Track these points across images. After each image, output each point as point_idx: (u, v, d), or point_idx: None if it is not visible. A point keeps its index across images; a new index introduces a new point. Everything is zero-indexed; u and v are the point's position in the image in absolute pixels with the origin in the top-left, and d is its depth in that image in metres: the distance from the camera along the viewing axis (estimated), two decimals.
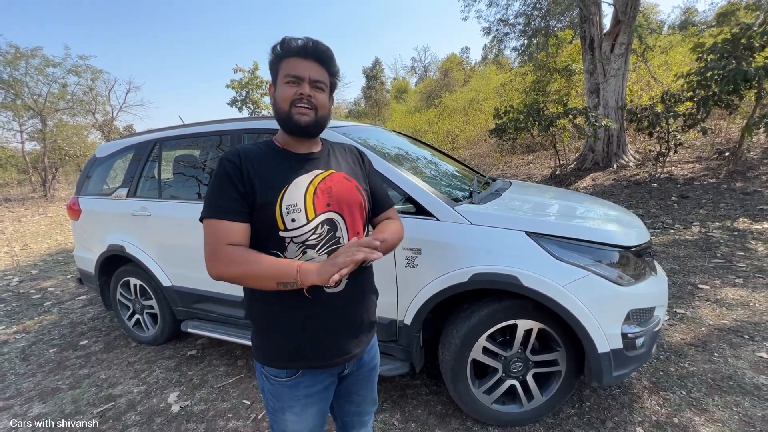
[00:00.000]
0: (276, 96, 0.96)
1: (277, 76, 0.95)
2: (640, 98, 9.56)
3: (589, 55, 8.49)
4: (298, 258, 0.92)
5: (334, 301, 0.96)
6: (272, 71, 0.97)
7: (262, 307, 0.97)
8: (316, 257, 0.94)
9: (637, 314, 1.62)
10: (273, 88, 0.98)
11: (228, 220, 0.88)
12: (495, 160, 11.42)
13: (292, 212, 0.91)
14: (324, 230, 0.94)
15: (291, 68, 0.92)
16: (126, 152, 2.82)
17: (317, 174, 0.98)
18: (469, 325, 1.69)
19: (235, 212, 0.89)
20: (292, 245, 0.92)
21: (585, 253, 1.61)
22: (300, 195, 0.93)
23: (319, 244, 0.94)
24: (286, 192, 0.92)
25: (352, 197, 1.01)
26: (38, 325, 3.35)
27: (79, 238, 3.04)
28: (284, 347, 0.96)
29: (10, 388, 2.40)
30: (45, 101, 15.83)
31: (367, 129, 2.77)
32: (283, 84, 0.93)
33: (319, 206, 0.94)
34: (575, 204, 2.11)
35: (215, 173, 0.93)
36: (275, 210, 0.90)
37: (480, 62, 29.14)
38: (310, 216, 0.93)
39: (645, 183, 6.70)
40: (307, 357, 0.96)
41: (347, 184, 1.01)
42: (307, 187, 0.94)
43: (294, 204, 0.91)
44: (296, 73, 0.92)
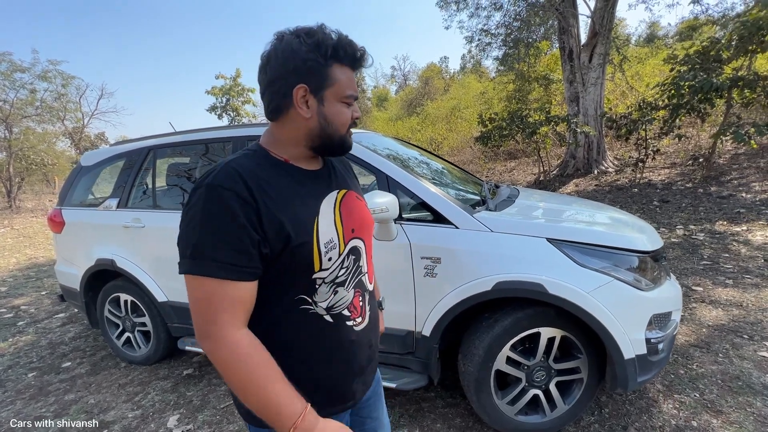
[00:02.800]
0: (329, 114, 0.75)
1: (325, 88, 0.74)
2: (617, 107, 9.96)
3: (568, 65, 8.79)
4: (329, 300, 0.77)
5: (362, 337, 0.84)
6: (313, 73, 0.72)
7: (282, 359, 0.71)
8: (346, 295, 0.80)
9: (658, 319, 1.63)
10: (311, 96, 0.74)
11: (234, 281, 0.65)
12: (479, 166, 11.59)
13: (330, 249, 0.75)
14: (350, 261, 0.81)
15: (350, 85, 0.76)
16: (115, 160, 2.67)
17: (335, 195, 0.82)
18: (492, 334, 1.65)
19: (244, 270, 0.66)
20: (324, 286, 0.76)
21: (606, 258, 1.61)
22: (332, 227, 0.77)
23: (348, 278, 0.81)
24: (319, 225, 0.74)
25: (368, 218, 0.89)
26: (13, 347, 3.10)
27: (62, 251, 2.84)
28: (313, 396, 0.74)
29: None
30: (11, 108, 15.02)
31: (367, 135, 2.73)
32: (341, 103, 0.76)
33: (347, 234, 0.79)
34: (586, 209, 2.12)
35: (203, 208, 0.65)
36: (313, 250, 0.72)
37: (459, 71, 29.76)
38: (341, 249, 0.78)
39: (626, 188, 6.94)
40: (333, 402, 0.81)
41: (360, 204, 0.88)
42: (334, 213, 0.79)
43: (330, 240, 0.75)
44: (355, 93, 0.77)
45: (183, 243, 0.67)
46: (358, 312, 0.84)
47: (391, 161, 1.92)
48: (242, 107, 21.86)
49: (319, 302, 0.77)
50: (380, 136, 2.91)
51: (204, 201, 0.66)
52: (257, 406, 0.66)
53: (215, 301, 0.65)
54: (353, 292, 0.82)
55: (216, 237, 0.65)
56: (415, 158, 2.63)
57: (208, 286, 0.65)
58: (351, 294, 0.82)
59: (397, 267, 1.78)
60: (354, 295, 0.83)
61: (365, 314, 0.86)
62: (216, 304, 0.65)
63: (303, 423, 0.66)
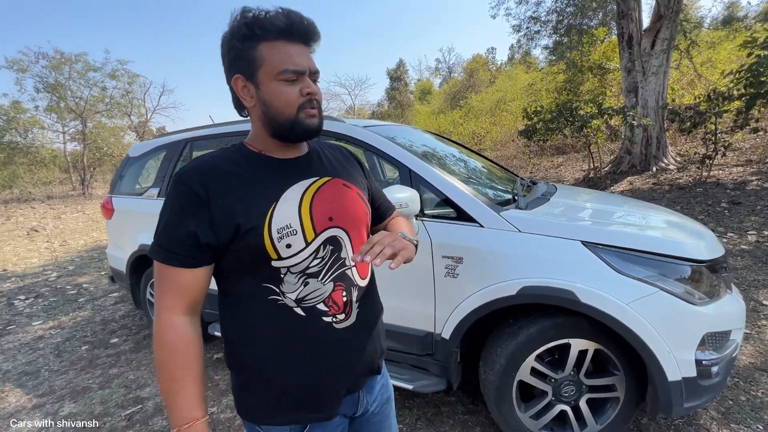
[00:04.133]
0: (266, 98, 0.72)
1: (256, 69, 0.71)
2: (683, 97, 9.03)
3: (626, 53, 8.08)
4: (299, 291, 0.74)
5: (346, 337, 0.79)
6: (241, 59, 0.71)
7: (254, 352, 0.75)
8: (321, 287, 0.75)
9: (713, 338, 1.42)
10: (248, 83, 0.73)
11: (177, 267, 0.69)
12: (523, 162, 11.07)
13: (287, 236, 0.71)
14: (327, 252, 0.76)
15: (285, 60, 0.70)
16: (158, 152, 2.82)
17: (312, 182, 0.78)
18: (516, 342, 1.54)
19: (184, 257, 0.69)
20: (290, 276, 0.73)
21: (651, 266, 1.43)
22: (293, 212, 0.73)
23: (323, 270, 0.76)
24: (275, 210, 0.72)
25: (356, 207, 0.83)
26: (72, 321, 3.42)
27: (112, 236, 3.07)
28: (287, 399, 0.76)
29: (43, 385, 2.42)
30: (86, 104, 16.63)
31: (398, 128, 2.66)
32: (278, 82, 0.71)
33: (319, 223, 0.75)
34: (635, 211, 1.91)
35: (166, 199, 0.72)
36: (263, 236, 0.70)
37: (506, 62, 28.55)
38: (309, 237, 0.74)
39: (689, 188, 6.27)
40: (315, 407, 0.78)
41: (348, 192, 0.83)
42: (301, 200, 0.75)
43: (287, 225, 0.72)
44: (297, 68, 0.71)
45: (155, 231, 0.74)
46: (340, 308, 0.78)
47: (416, 155, 1.84)
48: None
49: (287, 293, 0.74)
50: (415, 130, 2.84)
51: (167, 193, 0.73)
52: (163, 390, 0.70)
53: (161, 282, 0.71)
54: (332, 286, 0.77)
55: (165, 225, 0.71)
56: (447, 153, 2.52)
57: (157, 268, 0.72)
58: (329, 287, 0.76)
59: (417, 265, 1.70)
60: (334, 289, 0.77)
61: (351, 311, 0.79)
62: (161, 285, 0.71)
63: (186, 430, 0.68)
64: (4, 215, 10.87)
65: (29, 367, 2.65)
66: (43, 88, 15.53)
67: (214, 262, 0.74)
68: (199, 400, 0.70)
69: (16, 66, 14.92)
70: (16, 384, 2.45)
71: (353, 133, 1.94)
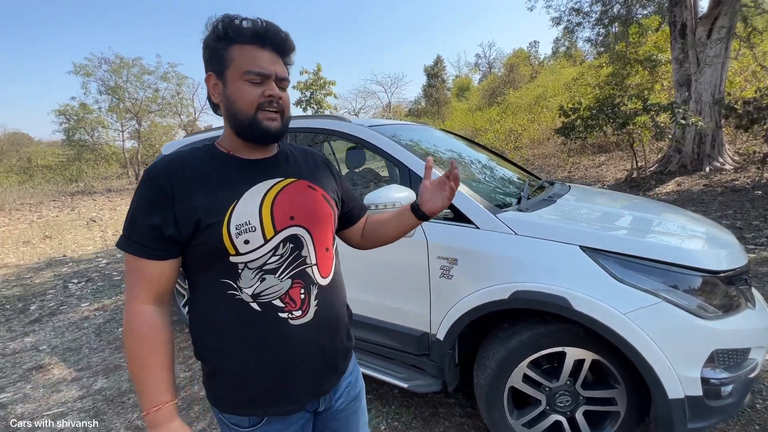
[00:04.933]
0: (231, 95, 0.77)
1: (226, 68, 0.76)
2: (744, 90, 8.20)
3: (679, 43, 7.46)
4: (255, 287, 0.76)
5: (302, 333, 0.80)
6: (214, 58, 0.77)
7: (214, 344, 0.79)
8: (278, 284, 0.77)
9: (724, 355, 1.31)
10: (218, 81, 0.78)
11: (143, 258, 0.73)
12: (561, 161, 10.58)
13: (245, 232, 0.74)
14: (286, 249, 0.78)
15: (251, 61, 0.75)
16: None
17: (276, 182, 0.81)
18: (507, 348, 1.50)
19: (150, 248, 0.73)
20: (247, 272, 0.75)
21: (656, 275, 1.34)
22: (254, 210, 0.76)
23: (281, 267, 0.78)
24: (236, 208, 0.74)
25: (320, 208, 0.85)
26: (114, 304, 3.74)
27: None
28: (244, 390, 0.79)
29: (83, 361, 2.69)
30: (140, 105, 18.00)
31: (416, 128, 2.65)
32: (242, 81, 0.75)
33: (279, 221, 0.77)
34: (649, 215, 1.79)
35: (135, 192, 0.76)
36: (222, 231, 0.73)
37: (550, 56, 27.30)
38: (269, 234, 0.76)
39: (746, 190, 5.71)
40: (272, 401, 0.80)
41: (312, 194, 0.85)
42: (263, 199, 0.78)
43: (246, 222, 0.74)
44: (261, 71, 0.75)
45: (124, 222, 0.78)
46: (297, 305, 0.79)
47: (417, 155, 1.84)
48: (324, 100, 23.00)
49: (243, 288, 0.76)
50: (432, 130, 2.82)
51: (137, 187, 0.76)
52: (133, 376, 0.74)
53: (129, 273, 0.76)
54: (290, 283, 0.78)
55: (132, 218, 0.74)
56: (456, 152, 2.49)
57: (126, 259, 0.76)
58: (286, 284, 0.78)
59: (414, 265, 1.71)
60: (292, 285, 0.79)
61: (308, 309, 0.80)
62: (129, 275, 0.75)
63: (155, 414, 0.72)
64: (69, 206, 12.04)
65: (73, 344, 2.95)
66: (105, 90, 17.00)
67: (179, 255, 0.77)
68: (167, 384, 0.74)
69: (82, 71, 16.46)
70: (61, 358, 2.74)
71: (356, 132, 1.97)
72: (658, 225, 1.67)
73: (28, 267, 5.38)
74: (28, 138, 27.81)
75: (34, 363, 2.69)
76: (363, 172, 2.79)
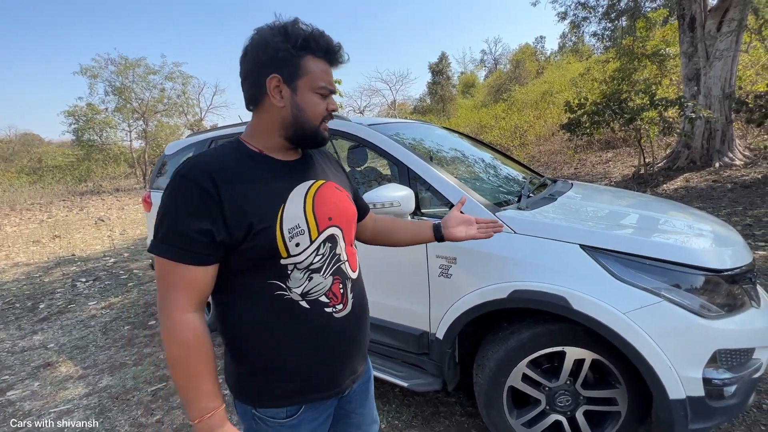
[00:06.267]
0: (302, 103, 0.79)
1: (298, 78, 0.77)
2: (755, 84, 8.04)
3: (688, 36, 7.34)
4: (304, 286, 0.79)
5: (343, 324, 0.85)
6: (286, 64, 0.76)
7: (258, 343, 0.79)
8: (323, 281, 0.81)
9: (727, 355, 1.28)
10: (284, 86, 0.78)
11: (187, 264, 0.70)
12: (567, 157, 10.47)
13: (297, 236, 0.76)
14: (326, 249, 0.82)
15: (325, 77, 0.80)
16: (189, 150, 3.04)
17: (311, 184, 0.83)
18: (507, 347, 1.49)
19: (198, 254, 0.70)
20: (296, 272, 0.78)
21: (657, 274, 1.32)
22: (300, 213, 0.78)
23: (324, 265, 0.81)
24: (284, 211, 0.76)
25: (348, 208, 0.90)
26: (120, 303, 3.80)
27: (151, 228, 3.36)
28: (290, 383, 0.81)
29: (89, 359, 2.73)
30: (147, 105, 18.16)
31: (418, 127, 2.64)
32: (314, 93, 0.79)
33: (321, 222, 0.81)
34: (652, 213, 1.76)
35: (170, 196, 0.72)
36: (275, 235, 0.74)
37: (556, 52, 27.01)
38: (314, 236, 0.79)
39: (756, 186, 5.60)
40: (316, 389, 0.83)
41: (339, 194, 0.89)
42: (304, 201, 0.80)
43: (296, 225, 0.77)
44: (331, 87, 0.81)
45: (154, 226, 0.74)
46: (338, 299, 0.84)
47: (417, 154, 1.83)
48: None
49: (293, 288, 0.78)
50: (433, 128, 2.81)
51: (171, 189, 0.72)
52: (180, 386, 0.72)
53: (168, 280, 0.71)
54: (332, 279, 0.83)
55: (173, 222, 0.71)
56: (457, 151, 2.47)
57: (164, 266, 0.71)
58: (329, 281, 0.82)
59: (413, 264, 1.70)
60: (333, 282, 0.83)
61: (347, 302, 0.86)
62: (169, 283, 0.71)
63: (208, 420, 0.72)
64: (79, 206, 12.22)
65: (80, 342, 3.00)
66: (111, 91, 17.18)
67: (222, 259, 0.76)
68: (216, 390, 0.73)
69: (89, 72, 16.64)
70: (68, 356, 2.79)
71: (355, 131, 1.97)
72: (660, 223, 1.65)
73: (38, 266, 5.47)
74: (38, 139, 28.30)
75: (42, 361, 2.74)
76: (365, 170, 2.79)
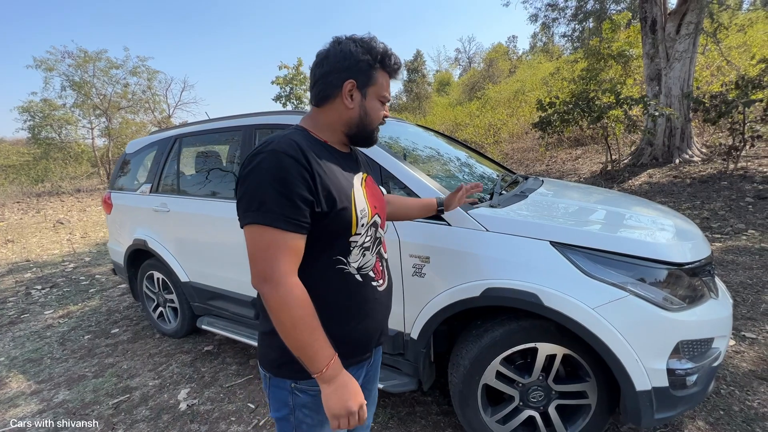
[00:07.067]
0: (369, 108, 0.92)
1: (369, 86, 0.91)
2: (710, 85, 8.50)
3: (649, 38, 7.65)
4: (359, 261, 0.90)
5: (383, 297, 0.98)
6: (362, 72, 0.89)
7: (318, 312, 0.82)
8: (371, 258, 0.94)
9: (689, 346, 1.33)
10: (357, 91, 0.90)
11: (292, 232, 0.77)
12: (539, 154, 10.75)
13: (364, 216, 0.89)
14: (372, 231, 0.95)
15: (387, 89, 0.94)
16: (151, 148, 2.88)
17: (362, 175, 0.98)
18: (480, 345, 1.49)
19: (301, 224, 0.79)
20: (356, 249, 0.90)
21: (623, 269, 1.35)
22: (362, 197, 0.92)
23: (371, 245, 0.95)
24: (355, 194, 0.89)
25: (383, 198, 1.05)
26: (80, 311, 3.58)
27: (112, 230, 3.17)
28: (342, 348, 0.86)
29: (44, 372, 2.55)
30: (109, 100, 17.26)
31: (391, 125, 2.61)
32: (377, 100, 0.93)
33: (372, 208, 0.94)
34: (618, 209, 1.81)
35: (270, 170, 0.76)
36: (351, 214, 0.86)
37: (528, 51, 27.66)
38: (369, 219, 0.93)
39: (713, 181, 5.93)
40: (357, 353, 0.94)
41: (377, 187, 1.05)
42: (363, 189, 0.94)
43: (363, 208, 0.90)
44: (389, 98, 0.95)
45: (247, 199, 0.78)
46: (380, 275, 0.97)
47: (389, 152, 1.80)
48: (305, 95, 22.65)
49: (351, 263, 0.89)
50: (406, 124, 2.78)
51: (269, 163, 0.77)
52: (298, 344, 0.77)
53: (275, 248, 0.76)
54: (375, 257, 0.96)
55: (279, 194, 0.76)
56: (431, 149, 2.46)
57: (269, 235, 0.76)
58: (374, 258, 0.95)
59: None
60: (376, 259, 0.96)
61: (385, 277, 1.00)
62: (276, 251, 0.76)
63: (332, 366, 0.79)
64: (35, 208, 11.48)
65: (34, 355, 2.79)
66: (69, 85, 16.20)
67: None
68: (327, 340, 0.80)
69: (43, 65, 15.62)
70: (20, 370, 2.59)
71: None
72: (626, 219, 1.69)
73: None
74: None
75: None
76: None
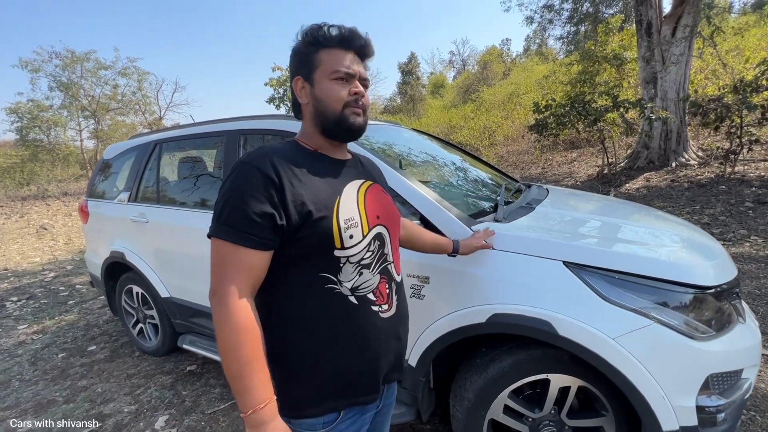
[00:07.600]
0: (319, 94, 0.82)
1: (314, 70, 0.82)
2: (706, 88, 8.49)
3: (645, 41, 7.61)
4: (354, 280, 0.80)
5: (387, 325, 0.85)
6: (303, 62, 0.83)
7: (303, 339, 0.78)
8: (371, 278, 0.82)
9: (719, 379, 1.19)
10: (306, 83, 0.83)
11: (248, 248, 0.72)
12: (534, 157, 10.68)
13: (351, 227, 0.79)
14: (375, 246, 0.84)
15: (339, 62, 0.81)
16: (130, 154, 2.70)
17: (362, 183, 0.88)
18: (486, 377, 1.34)
19: (260, 238, 0.72)
20: (348, 266, 0.79)
21: (645, 292, 1.21)
22: (354, 206, 0.82)
23: (373, 262, 0.83)
24: (340, 203, 0.80)
25: (394, 210, 0.94)
26: (56, 325, 3.37)
27: (89, 241, 2.98)
28: (333, 384, 0.79)
29: (10, 397, 2.35)
30: (98, 102, 16.91)
31: (386, 129, 2.46)
32: (330, 81, 0.81)
33: (371, 219, 0.84)
34: (633, 223, 1.67)
35: (234, 182, 0.74)
36: (332, 225, 0.76)
37: (521, 54, 27.76)
38: (365, 230, 0.82)
39: (711, 185, 5.86)
40: (358, 391, 0.82)
41: (385, 197, 0.93)
42: (357, 197, 0.84)
43: (351, 218, 0.80)
44: (348, 70, 0.81)
45: (215, 210, 0.75)
46: (384, 299, 0.84)
47: (385, 161, 1.65)
48: None
49: (344, 282, 0.79)
50: (402, 129, 2.63)
51: (234, 175, 0.75)
52: (228, 373, 0.69)
53: (226, 263, 0.72)
54: (379, 278, 0.84)
55: (235, 207, 0.72)
56: (427, 155, 2.32)
57: (223, 249, 0.72)
58: (377, 279, 0.83)
59: None
60: (380, 281, 0.84)
61: (392, 303, 0.86)
62: (227, 266, 0.72)
63: (262, 411, 0.69)
64: (19, 212, 11.14)
65: (2, 376, 2.59)
66: (57, 86, 15.83)
67: (278, 247, 0.76)
68: (267, 381, 0.72)
69: (29, 66, 15.24)
70: None
71: None
72: (642, 233, 1.55)
73: None
74: None
75: None
76: None
